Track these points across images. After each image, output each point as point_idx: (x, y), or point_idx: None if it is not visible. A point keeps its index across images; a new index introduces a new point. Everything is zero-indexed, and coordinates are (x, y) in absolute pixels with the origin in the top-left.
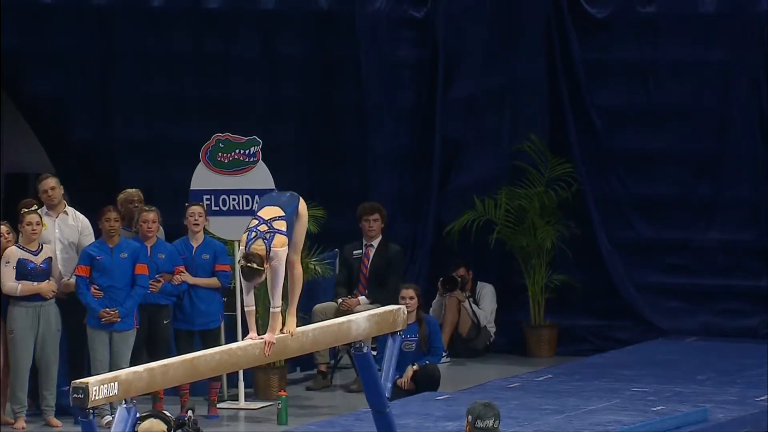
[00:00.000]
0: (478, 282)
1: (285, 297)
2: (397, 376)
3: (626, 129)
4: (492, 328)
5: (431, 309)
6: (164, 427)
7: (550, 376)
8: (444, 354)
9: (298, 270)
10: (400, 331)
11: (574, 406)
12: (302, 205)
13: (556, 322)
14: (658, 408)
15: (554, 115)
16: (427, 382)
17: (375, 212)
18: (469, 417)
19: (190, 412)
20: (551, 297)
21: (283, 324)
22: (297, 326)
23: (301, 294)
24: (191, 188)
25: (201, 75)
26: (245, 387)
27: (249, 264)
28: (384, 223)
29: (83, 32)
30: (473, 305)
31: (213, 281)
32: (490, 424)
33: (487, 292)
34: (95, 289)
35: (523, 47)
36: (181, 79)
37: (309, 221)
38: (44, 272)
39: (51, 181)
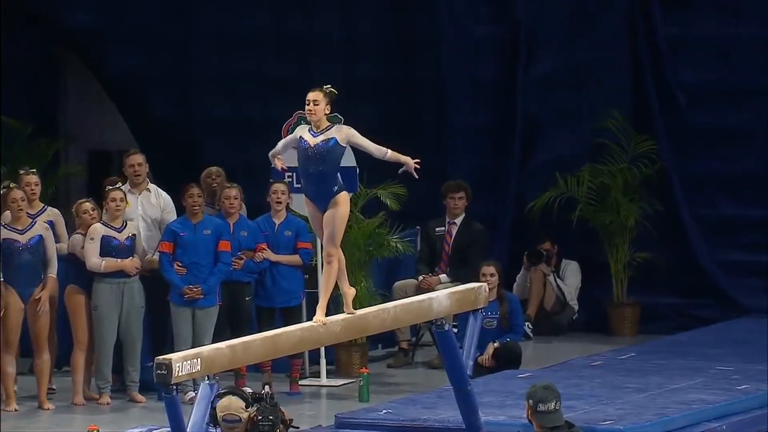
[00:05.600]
0: (563, 259)
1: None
2: (478, 354)
3: (709, 106)
4: (575, 305)
5: (515, 283)
6: (242, 403)
7: (632, 354)
8: (528, 327)
9: (335, 266)
10: (481, 308)
11: (658, 384)
12: (342, 196)
13: (638, 300)
14: (742, 387)
15: (636, 92)
16: (508, 359)
17: (460, 190)
18: (530, 401)
19: (266, 387)
20: (634, 275)
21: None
22: (378, 303)
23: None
24: (273, 166)
25: (281, 52)
26: (327, 364)
27: None
28: (468, 201)
29: (165, 9)
30: (558, 279)
31: (294, 259)
32: (552, 407)
33: (572, 269)
34: (178, 265)
35: (605, 23)
36: (262, 56)
37: (389, 199)
38: (128, 249)
39: (138, 158)
